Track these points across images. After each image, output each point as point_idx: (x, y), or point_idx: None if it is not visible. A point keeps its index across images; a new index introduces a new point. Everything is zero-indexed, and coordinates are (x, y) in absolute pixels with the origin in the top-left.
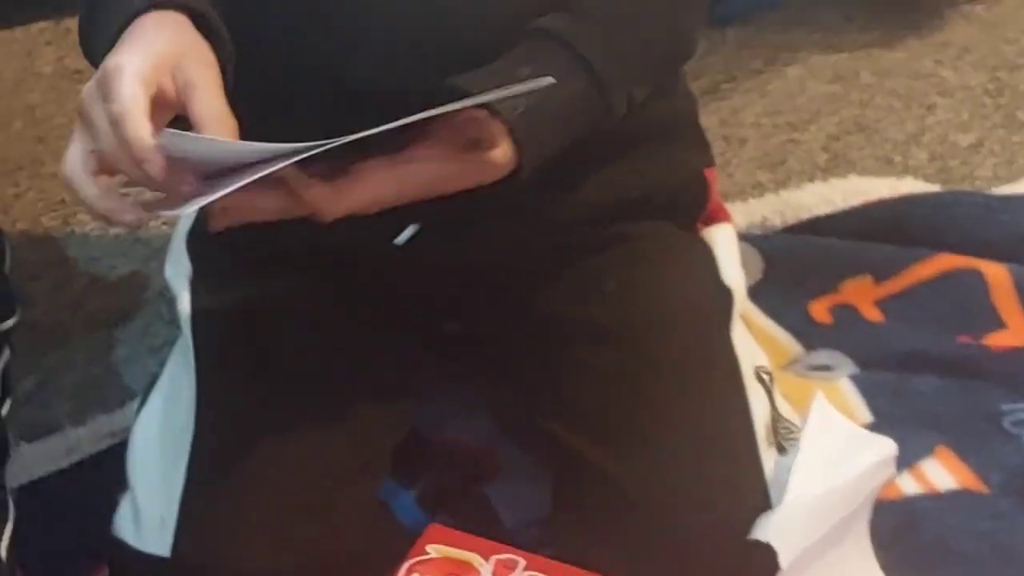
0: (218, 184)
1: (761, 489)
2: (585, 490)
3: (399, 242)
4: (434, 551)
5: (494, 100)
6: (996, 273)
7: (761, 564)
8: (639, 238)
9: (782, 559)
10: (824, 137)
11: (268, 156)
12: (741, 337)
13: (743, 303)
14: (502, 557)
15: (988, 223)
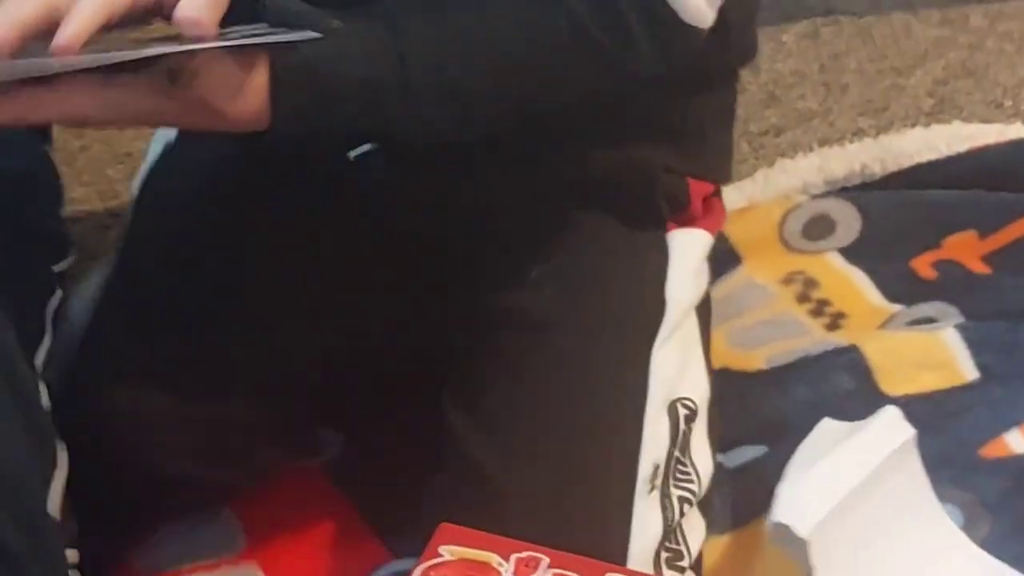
0: None
1: (620, 531)
2: (462, 482)
3: (353, 155)
4: (448, 552)
5: (262, 43)
6: None
7: None
8: (579, 229)
9: (798, 529)
10: (930, 82)
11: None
12: (668, 360)
13: (683, 320)
14: (523, 555)
15: None
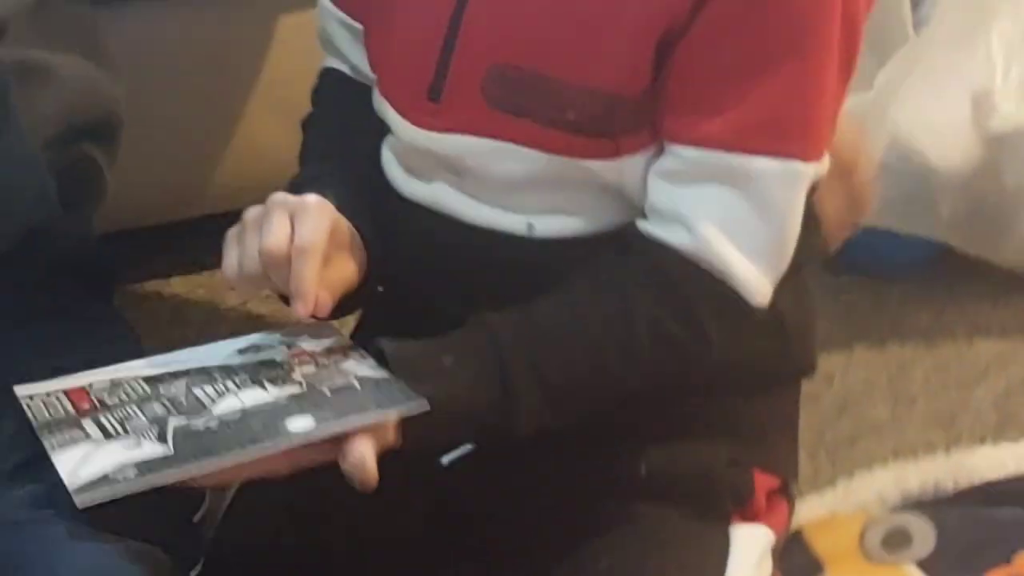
0: None
1: None
2: None
3: (445, 461)
4: None
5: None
6: None
7: None
8: (645, 522)
9: None
10: (993, 396)
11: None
12: None
13: None
14: None
15: None
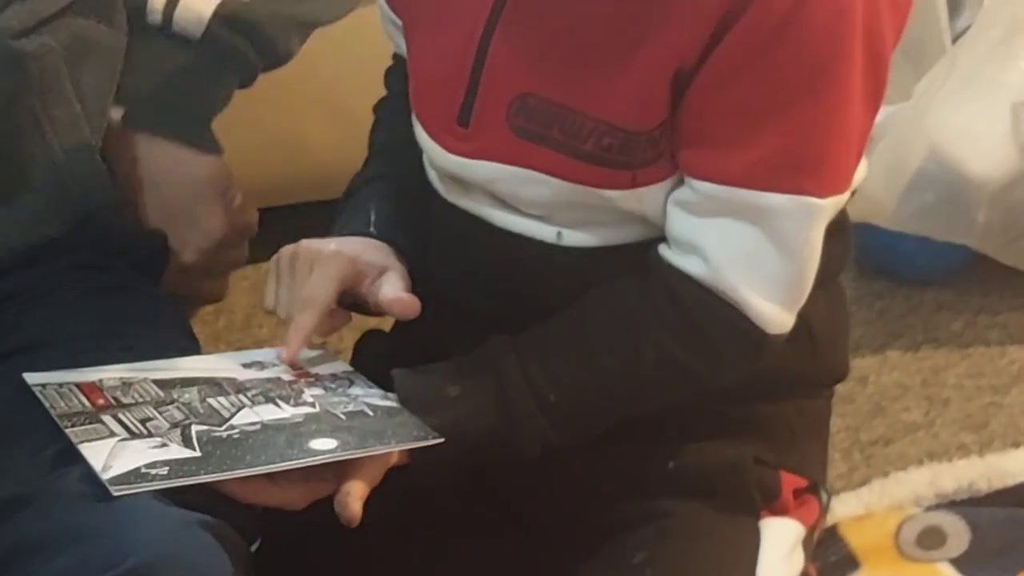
0: None
1: None
2: None
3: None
4: None
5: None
6: None
7: None
8: (677, 517)
9: None
10: None
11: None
12: None
13: None
14: None
15: None
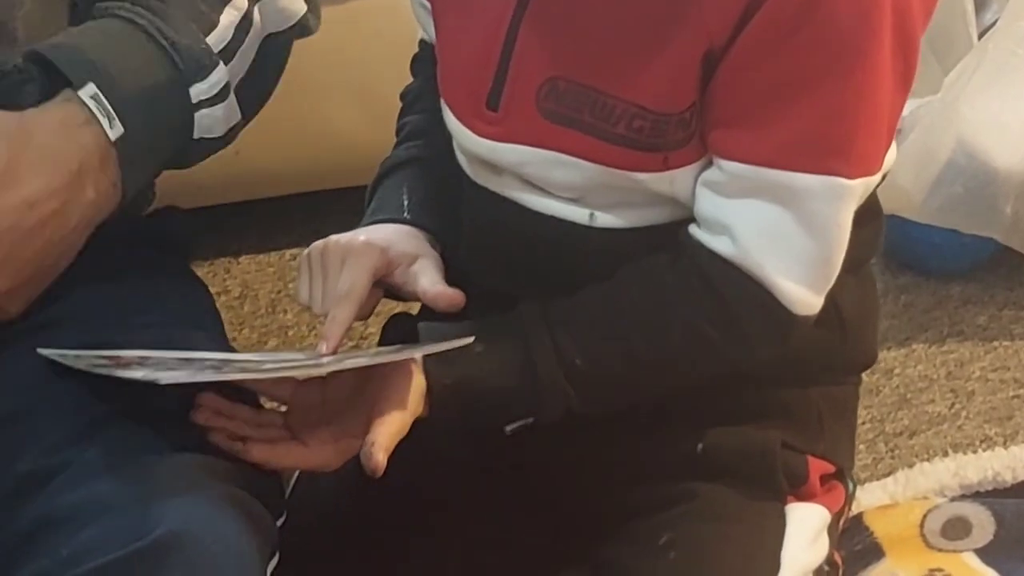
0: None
1: None
2: None
3: (509, 430)
4: None
5: (424, 354)
6: None
7: None
8: (703, 499)
9: None
10: None
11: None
12: None
13: None
14: None
15: None
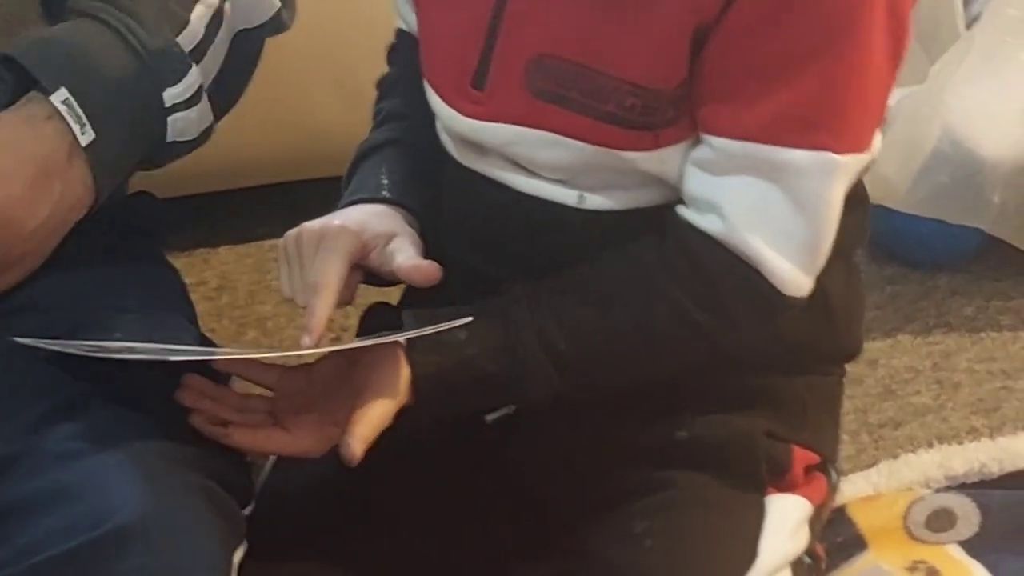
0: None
1: None
2: None
3: (490, 419)
4: None
5: (414, 336)
6: None
7: None
8: (682, 488)
9: None
10: None
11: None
12: None
13: (775, 573)
14: None
15: None
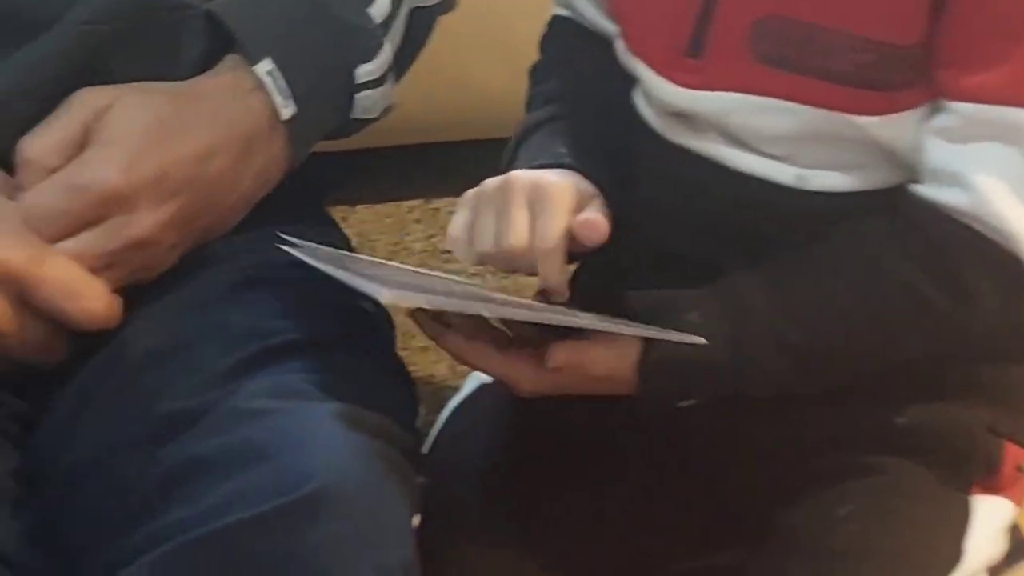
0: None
1: None
2: None
3: (682, 405)
4: None
5: (648, 335)
6: None
7: None
8: (891, 475)
9: None
10: None
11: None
12: None
13: None
14: None
15: None
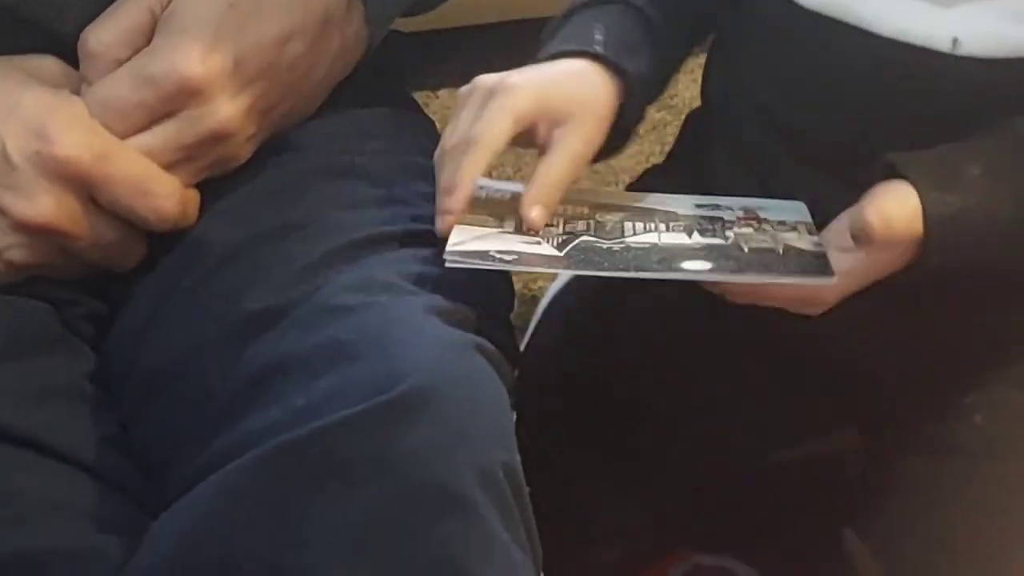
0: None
1: None
2: None
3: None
4: None
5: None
6: None
7: None
8: (1011, 363)
9: None
10: None
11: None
12: None
13: None
14: None
15: None
